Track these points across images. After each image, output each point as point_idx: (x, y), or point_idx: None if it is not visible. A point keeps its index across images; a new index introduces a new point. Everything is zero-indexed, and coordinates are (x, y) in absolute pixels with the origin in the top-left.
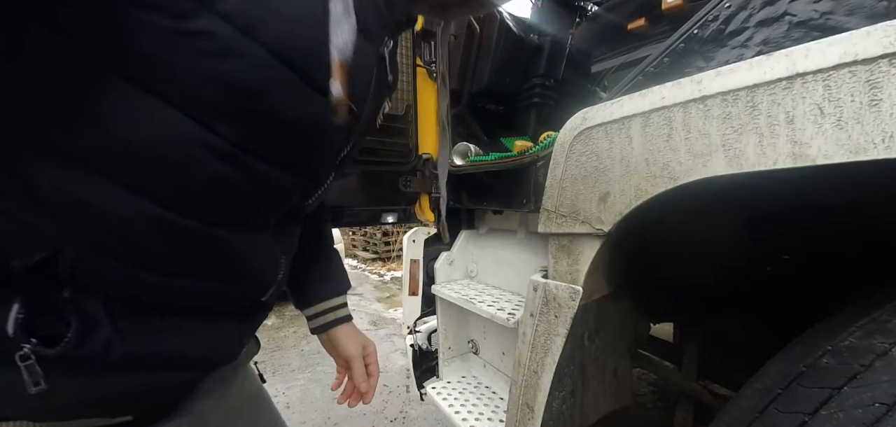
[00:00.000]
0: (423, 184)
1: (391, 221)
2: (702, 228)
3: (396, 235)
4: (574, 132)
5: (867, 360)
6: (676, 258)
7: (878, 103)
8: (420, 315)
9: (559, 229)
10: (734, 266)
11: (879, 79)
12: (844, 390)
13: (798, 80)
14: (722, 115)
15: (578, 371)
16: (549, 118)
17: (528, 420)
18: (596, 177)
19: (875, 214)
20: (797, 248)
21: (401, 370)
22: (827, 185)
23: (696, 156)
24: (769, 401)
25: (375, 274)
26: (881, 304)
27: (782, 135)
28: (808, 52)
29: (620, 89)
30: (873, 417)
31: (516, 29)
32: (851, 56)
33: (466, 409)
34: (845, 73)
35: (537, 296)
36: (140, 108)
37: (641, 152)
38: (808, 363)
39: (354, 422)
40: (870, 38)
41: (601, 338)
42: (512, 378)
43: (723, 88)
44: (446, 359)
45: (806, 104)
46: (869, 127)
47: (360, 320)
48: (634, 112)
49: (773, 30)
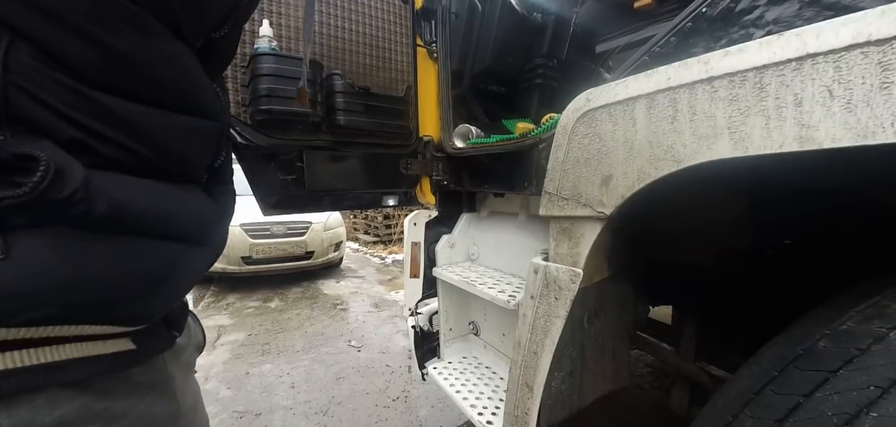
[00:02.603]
0: (423, 166)
1: (392, 204)
2: (704, 212)
3: (397, 218)
4: (577, 114)
5: (864, 344)
6: (677, 241)
7: (889, 86)
8: (421, 297)
9: (560, 212)
10: (735, 250)
11: (892, 60)
12: (840, 373)
13: (808, 60)
14: (729, 97)
15: (577, 352)
16: (551, 100)
17: (527, 399)
18: (599, 159)
19: (879, 200)
20: (799, 232)
21: (403, 351)
22: (832, 170)
23: (700, 138)
24: (765, 383)
25: (377, 257)
26: (881, 290)
27: (790, 117)
28: (820, 32)
29: (625, 70)
30: (868, 400)
31: (519, 7)
32: (864, 36)
33: (467, 388)
34: (857, 55)
35: (538, 278)
36: None
37: (645, 134)
38: (806, 347)
39: (357, 401)
40: (884, 17)
41: (600, 320)
42: (512, 358)
43: (731, 69)
44: (447, 340)
45: (815, 86)
46: (878, 110)
47: (362, 303)
48: (639, 93)
49: (783, 8)
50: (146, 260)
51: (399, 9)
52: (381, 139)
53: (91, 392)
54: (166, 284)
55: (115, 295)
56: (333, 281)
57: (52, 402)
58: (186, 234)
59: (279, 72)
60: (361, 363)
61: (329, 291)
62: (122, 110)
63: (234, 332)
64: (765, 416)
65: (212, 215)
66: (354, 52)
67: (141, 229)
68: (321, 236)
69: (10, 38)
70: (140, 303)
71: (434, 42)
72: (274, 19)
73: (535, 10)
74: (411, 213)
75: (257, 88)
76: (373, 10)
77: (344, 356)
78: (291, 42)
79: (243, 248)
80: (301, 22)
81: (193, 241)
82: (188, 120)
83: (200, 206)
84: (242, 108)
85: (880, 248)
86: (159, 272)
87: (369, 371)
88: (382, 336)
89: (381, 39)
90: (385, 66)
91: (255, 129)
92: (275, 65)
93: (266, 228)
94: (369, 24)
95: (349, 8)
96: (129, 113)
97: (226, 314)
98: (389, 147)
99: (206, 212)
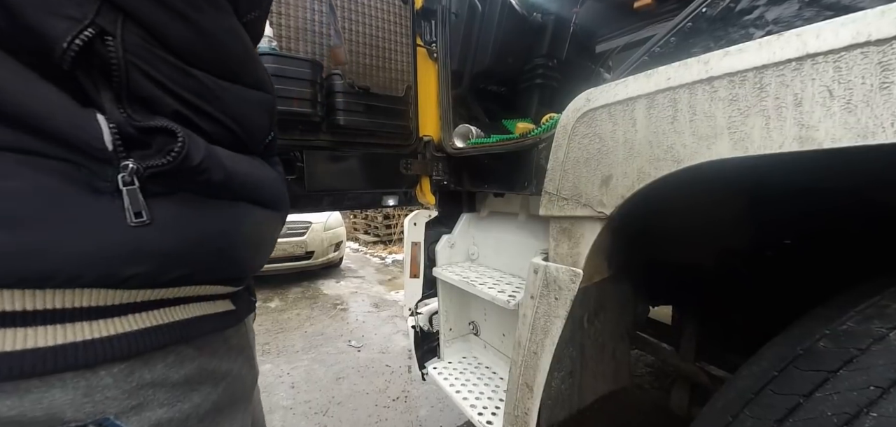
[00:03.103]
0: (423, 166)
1: (392, 204)
2: (703, 212)
3: (397, 218)
4: (577, 114)
5: (864, 344)
6: (677, 241)
7: (889, 86)
8: (421, 297)
9: (560, 212)
10: (735, 250)
11: (892, 60)
12: (840, 373)
13: (808, 61)
14: (729, 97)
15: (577, 352)
16: (551, 100)
17: (527, 399)
18: (598, 159)
19: (879, 200)
20: (799, 232)
21: (403, 351)
22: (832, 170)
23: (700, 138)
24: (765, 383)
25: (377, 257)
26: (881, 290)
27: (790, 118)
28: (820, 32)
29: (625, 70)
30: (867, 400)
31: (519, 8)
32: (864, 36)
33: (467, 388)
34: (857, 54)
35: (538, 278)
36: None
37: (645, 134)
38: (805, 346)
39: (357, 401)
40: (884, 17)
41: (600, 320)
42: (512, 358)
43: (730, 69)
44: (447, 340)
45: (815, 86)
46: (878, 110)
47: (362, 303)
48: (639, 93)
49: (783, 8)
50: (248, 223)
51: (399, 9)
52: (381, 139)
53: (205, 352)
54: (262, 246)
55: (229, 255)
56: (333, 281)
57: (179, 360)
58: (271, 201)
59: (279, 72)
60: (361, 363)
61: (329, 291)
62: (212, 85)
63: None
64: (765, 416)
65: (281, 184)
66: (354, 52)
67: (242, 195)
68: (321, 236)
69: (123, 19)
70: (244, 263)
71: (434, 42)
72: (274, 19)
73: (535, 11)
74: (411, 213)
75: None
76: (373, 10)
77: (344, 356)
78: (291, 42)
79: None
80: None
81: (274, 208)
82: (253, 93)
83: (273, 174)
84: None
85: (880, 248)
86: (257, 234)
87: (369, 371)
88: (382, 336)
89: (381, 39)
90: (385, 66)
91: None
92: (275, 65)
93: None
94: (369, 24)
95: (349, 8)
96: (216, 87)
97: None
98: (389, 147)
99: (278, 180)
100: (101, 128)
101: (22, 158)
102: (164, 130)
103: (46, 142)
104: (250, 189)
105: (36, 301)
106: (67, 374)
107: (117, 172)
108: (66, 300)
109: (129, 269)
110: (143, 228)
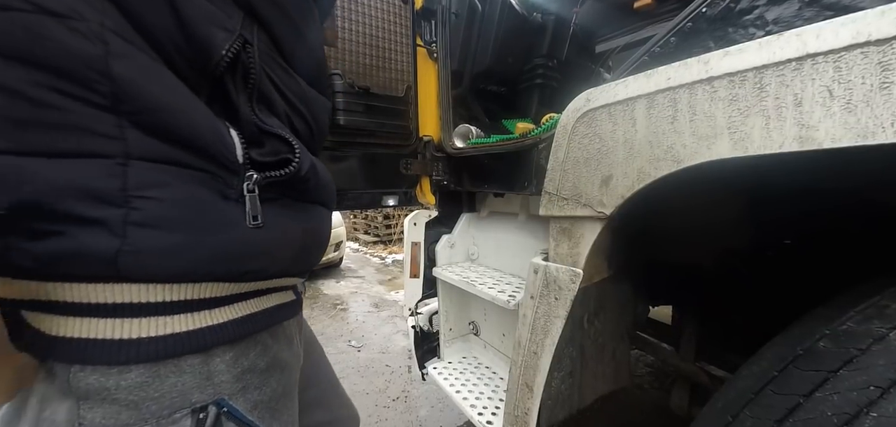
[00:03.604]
0: (423, 166)
1: (392, 204)
2: (703, 212)
3: (397, 218)
4: (577, 114)
5: (864, 344)
6: (677, 241)
7: (889, 86)
8: (421, 297)
9: (560, 212)
10: (735, 250)
11: (892, 60)
12: (840, 373)
13: (808, 61)
14: (728, 97)
15: (577, 352)
16: (551, 100)
17: (527, 399)
18: (598, 159)
19: (879, 200)
20: (799, 232)
21: (403, 351)
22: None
23: (700, 138)
24: (765, 382)
25: (377, 257)
26: (881, 290)
27: (789, 118)
28: (820, 32)
29: (625, 70)
30: (867, 400)
31: (519, 8)
32: (864, 36)
33: (467, 388)
34: (857, 54)
35: (538, 278)
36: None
37: (645, 134)
38: (805, 347)
39: (358, 401)
40: (884, 17)
41: (600, 320)
42: (512, 359)
43: (730, 69)
44: (447, 340)
45: (815, 86)
46: (878, 110)
47: (362, 303)
48: (639, 93)
49: (783, 8)
50: (323, 222)
51: (399, 9)
52: (381, 139)
53: (276, 341)
54: (326, 242)
55: (308, 251)
56: (333, 281)
57: (264, 349)
58: (329, 201)
59: None
60: (361, 363)
61: (329, 291)
62: (306, 88)
63: None
64: (765, 416)
65: (333, 186)
66: (354, 52)
67: (318, 198)
68: None
69: (257, 28)
70: (315, 258)
71: (434, 42)
72: None
73: (535, 11)
74: (411, 213)
75: None
76: (373, 10)
77: (344, 356)
78: None
79: None
80: None
81: (331, 208)
82: (325, 99)
83: (329, 176)
84: None
85: (880, 248)
86: (327, 232)
87: (369, 371)
88: (382, 336)
89: (381, 39)
90: (385, 66)
91: None
92: None
93: None
94: (369, 24)
95: (349, 8)
96: (308, 90)
97: None
98: (389, 147)
99: (332, 182)
100: (235, 143)
101: (175, 170)
102: (280, 138)
103: (195, 155)
104: (322, 191)
105: (176, 293)
106: (195, 360)
107: (242, 181)
108: (197, 292)
109: (247, 265)
110: (258, 230)
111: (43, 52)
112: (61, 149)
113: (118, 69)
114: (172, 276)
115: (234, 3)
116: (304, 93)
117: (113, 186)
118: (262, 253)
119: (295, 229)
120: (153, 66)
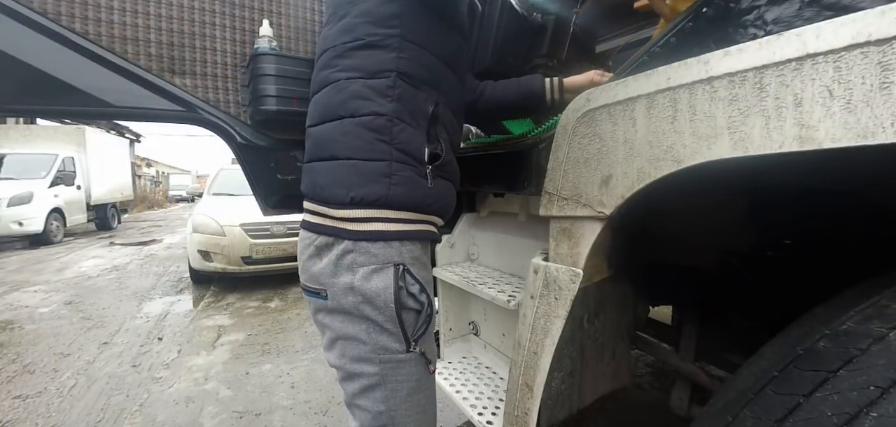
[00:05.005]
0: None
1: None
2: (703, 212)
3: None
4: (577, 114)
5: (864, 345)
6: (677, 241)
7: (889, 86)
8: None
9: (560, 212)
10: (735, 250)
11: (892, 60)
12: (840, 373)
13: (808, 61)
14: (728, 97)
15: (577, 352)
16: None
17: (527, 399)
18: (598, 159)
19: (879, 200)
20: (799, 233)
21: None
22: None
23: (700, 138)
24: (765, 382)
25: None
26: (881, 290)
27: (789, 118)
28: (820, 32)
29: (625, 70)
30: (867, 400)
31: (519, 7)
32: (864, 36)
33: (467, 388)
34: (857, 55)
35: (538, 278)
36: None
37: (645, 134)
38: (806, 347)
39: None
40: (884, 17)
41: (600, 320)
42: (512, 359)
43: (730, 69)
44: (447, 340)
45: (815, 86)
46: (878, 110)
47: None
48: (639, 93)
49: (783, 8)
50: (453, 191)
51: None
52: None
53: (426, 251)
54: (453, 204)
55: (450, 206)
56: None
57: (425, 250)
58: (456, 181)
59: (279, 72)
60: None
61: None
62: (459, 123)
63: (234, 332)
64: (765, 416)
65: (458, 175)
66: None
67: (451, 179)
68: None
69: (444, 101)
70: (449, 209)
71: None
72: (274, 19)
73: (535, 11)
74: None
75: (257, 89)
76: None
77: None
78: (291, 42)
79: (243, 249)
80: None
81: (456, 186)
82: (459, 126)
83: (458, 168)
84: (242, 108)
85: (880, 249)
86: (454, 195)
87: None
88: None
89: None
90: None
91: (254, 129)
92: (275, 65)
93: (266, 228)
94: None
95: None
96: (459, 123)
97: (226, 314)
98: None
99: (458, 172)
100: (425, 153)
101: (420, 169)
102: (439, 154)
103: (420, 162)
104: (453, 176)
105: (404, 215)
106: (404, 244)
107: (426, 168)
108: (409, 216)
109: (430, 206)
110: (431, 189)
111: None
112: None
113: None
114: (415, 208)
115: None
116: (457, 129)
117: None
118: (434, 200)
119: (449, 191)
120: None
